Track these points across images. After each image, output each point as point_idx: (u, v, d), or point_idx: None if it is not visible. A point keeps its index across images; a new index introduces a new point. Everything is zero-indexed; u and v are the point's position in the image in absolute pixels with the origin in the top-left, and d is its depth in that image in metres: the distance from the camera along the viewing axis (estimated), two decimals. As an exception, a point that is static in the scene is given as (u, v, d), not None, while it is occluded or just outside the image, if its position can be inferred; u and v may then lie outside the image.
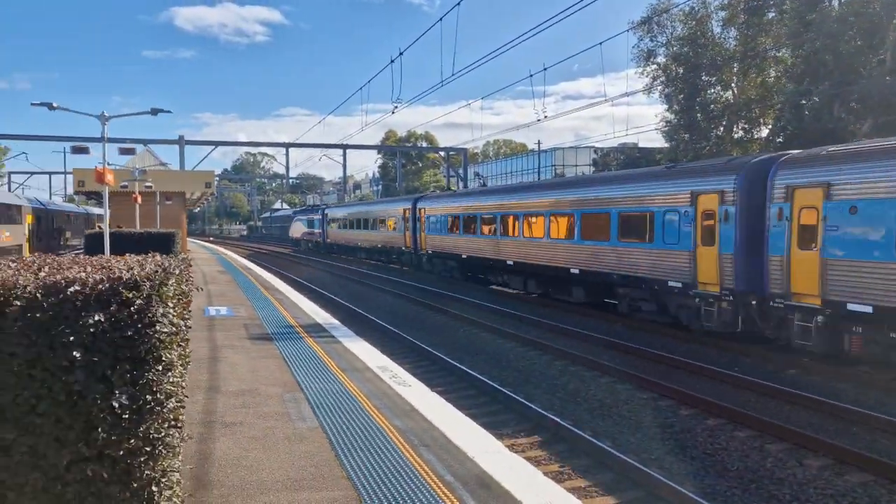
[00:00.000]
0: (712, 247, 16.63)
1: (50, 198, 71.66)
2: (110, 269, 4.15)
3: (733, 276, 16.04)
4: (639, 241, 19.25)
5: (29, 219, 39.20)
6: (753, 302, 15.66)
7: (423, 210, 36.84)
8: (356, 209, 53.63)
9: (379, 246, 45.24)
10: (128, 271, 4.03)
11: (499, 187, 34.88)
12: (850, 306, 13.24)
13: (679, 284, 17.71)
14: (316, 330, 14.33)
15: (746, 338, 16.07)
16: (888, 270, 12.59)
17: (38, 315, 3.66)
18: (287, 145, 61.87)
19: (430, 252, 35.83)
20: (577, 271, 22.18)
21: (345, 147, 62.87)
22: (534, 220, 24.86)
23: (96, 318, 3.70)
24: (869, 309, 12.89)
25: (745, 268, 15.90)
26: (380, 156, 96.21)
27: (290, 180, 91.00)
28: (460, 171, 66.38)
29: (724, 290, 16.24)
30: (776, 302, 14.95)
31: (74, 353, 3.65)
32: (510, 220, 26.61)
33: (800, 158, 15.12)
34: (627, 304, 20.39)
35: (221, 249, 57.40)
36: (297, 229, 73.19)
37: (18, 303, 3.64)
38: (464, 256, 31.29)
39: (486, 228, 28.86)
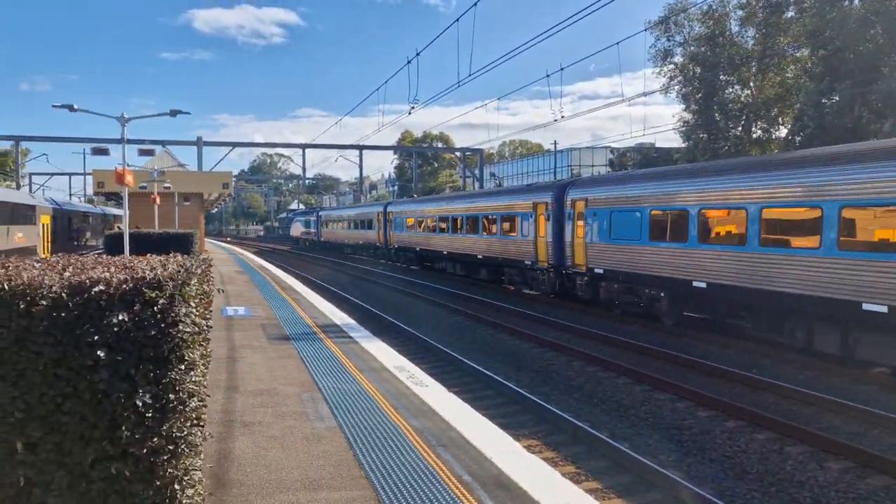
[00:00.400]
0: (543, 237, 25.62)
1: (70, 198, 72.45)
2: (133, 270, 4.19)
3: (553, 255, 24.92)
4: (513, 235, 28.29)
5: (44, 219, 38.04)
6: (562, 271, 24.45)
7: (391, 213, 45.89)
8: (342, 212, 63.74)
9: (360, 242, 54.72)
10: (151, 271, 4.08)
11: (440, 196, 46.44)
12: (596, 270, 22.05)
13: (529, 262, 26.80)
14: (333, 330, 14.39)
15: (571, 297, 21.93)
16: (605, 247, 21.52)
17: (63, 315, 3.71)
18: (303, 146, 62.18)
19: (396, 246, 45.31)
20: (481, 257, 31.40)
21: (361, 148, 63.08)
22: (458, 221, 33.94)
23: (120, 317, 3.75)
24: (602, 271, 21.77)
25: (557, 250, 24.75)
26: (396, 156, 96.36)
27: (307, 181, 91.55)
28: (476, 171, 66.34)
29: (549, 265, 25.30)
30: (569, 270, 23.92)
31: (99, 352, 3.70)
32: (447, 221, 35.48)
33: (576, 182, 24.95)
34: (509, 279, 29.75)
35: (238, 250, 57.78)
36: (297, 229, 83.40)
37: (44, 302, 3.70)
38: (418, 249, 40.65)
39: (431, 227, 37.94)
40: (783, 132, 40.35)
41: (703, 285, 17.06)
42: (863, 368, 13.64)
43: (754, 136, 40.99)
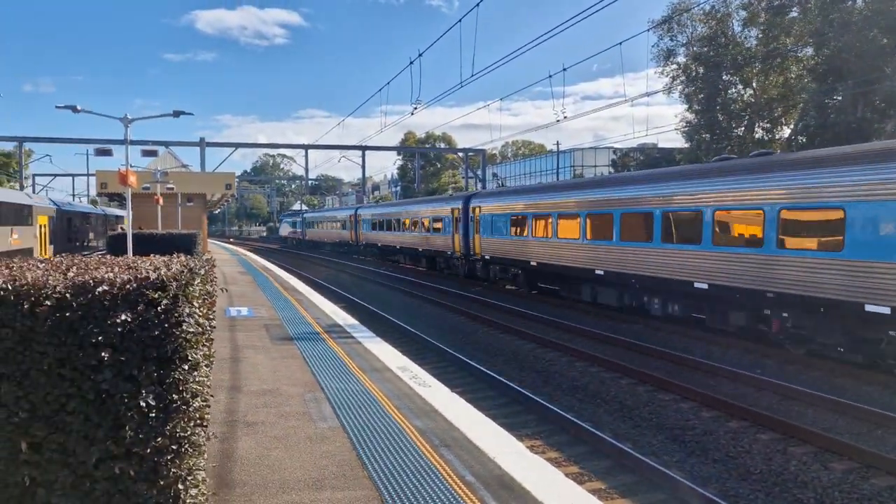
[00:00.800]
0: (458, 234, 34.30)
1: (74, 199, 72.51)
2: (137, 270, 4.20)
3: (463, 247, 33.74)
4: (441, 233, 37.16)
5: (41, 220, 36.48)
6: (468, 258, 33.35)
7: (360, 215, 55.21)
8: (323, 214, 73.92)
9: (337, 240, 63.37)
10: (154, 272, 4.08)
11: (393, 202, 59.96)
12: (486, 256, 30.94)
13: (449, 252, 35.87)
14: (335, 330, 14.40)
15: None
16: (490, 240, 30.34)
17: (67, 315, 3.72)
18: (306, 147, 62.24)
19: (364, 243, 54.12)
20: (421, 249, 40.92)
21: (364, 148, 63.10)
22: (406, 222, 43.51)
23: (124, 317, 3.75)
24: (488, 256, 30.60)
25: (465, 242, 33.55)
26: (399, 157, 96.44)
27: (310, 182, 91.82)
28: (479, 171, 66.35)
29: (461, 254, 34.16)
30: (471, 257, 32.89)
31: (103, 352, 3.71)
32: (399, 223, 44.97)
33: (476, 194, 34.27)
34: (438, 267, 39.19)
35: (241, 250, 57.83)
36: (285, 229, 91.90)
37: (48, 303, 3.70)
38: (380, 245, 49.85)
39: (388, 227, 47.36)
40: (786, 132, 40.31)
41: (534, 264, 26.39)
42: (866, 369, 13.61)
43: (757, 136, 40.94)
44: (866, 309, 12.86)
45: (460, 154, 74.47)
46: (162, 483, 3.96)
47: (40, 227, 36.22)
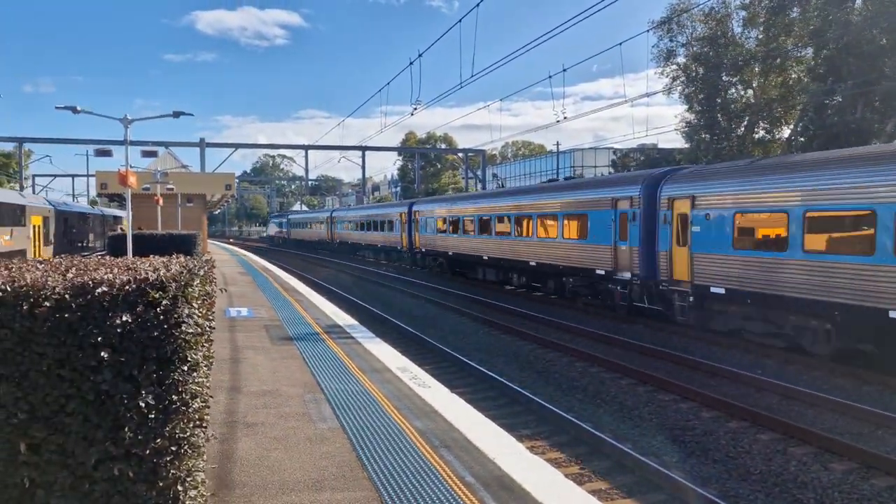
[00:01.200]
0: (405, 233, 41.43)
1: (74, 200, 72.38)
2: (136, 271, 4.20)
3: (408, 242, 40.66)
4: (394, 231, 44.50)
5: (35, 220, 35.05)
6: (412, 251, 41.70)
7: (335, 217, 64.39)
8: (305, 216, 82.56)
9: (316, 239, 70.74)
10: (154, 272, 4.08)
11: (361, 206, 64.76)
12: (423, 249, 39.60)
13: (399, 247, 43.70)
14: (335, 331, 14.39)
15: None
16: (426, 236, 39.15)
17: (66, 315, 3.71)
18: (306, 147, 62.31)
19: (338, 241, 62.60)
20: (380, 245, 49.17)
21: (364, 149, 63.14)
22: (363, 224, 53.23)
23: (123, 318, 3.75)
24: (424, 249, 39.75)
25: (409, 239, 41.03)
26: (399, 157, 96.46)
27: (310, 182, 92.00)
28: (479, 172, 66.35)
29: (407, 248, 41.93)
30: (413, 250, 41.07)
31: (102, 353, 3.70)
32: (363, 223, 53.46)
33: (417, 201, 41.65)
34: (392, 258, 46.98)
35: (241, 251, 57.84)
36: (272, 229, 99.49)
37: (48, 303, 3.70)
38: (349, 242, 58.52)
39: (359, 227, 54.97)
40: (786, 133, 40.31)
41: (451, 253, 34.86)
42: (866, 369, 13.60)
43: (757, 136, 40.95)
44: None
45: (460, 154, 74.51)
46: (161, 484, 3.96)
47: (34, 227, 35.03)
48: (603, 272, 21.63)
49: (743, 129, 41.17)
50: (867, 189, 13.15)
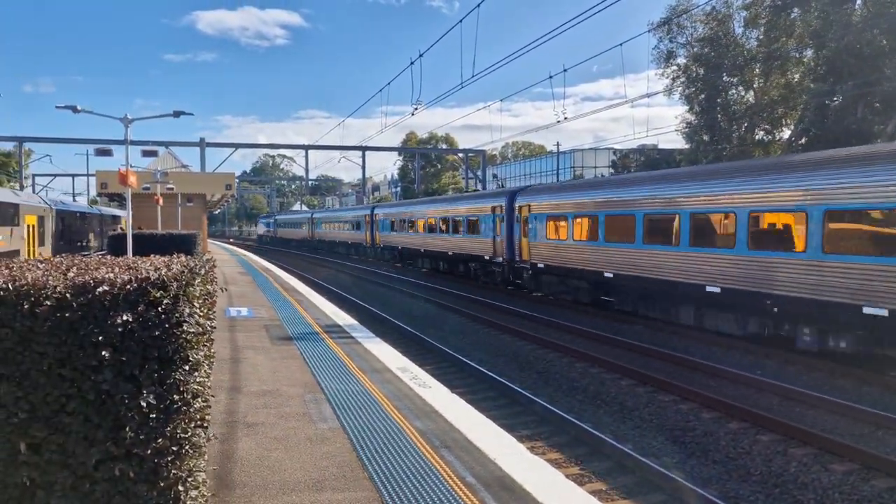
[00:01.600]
0: (367, 232, 51.90)
1: (74, 199, 72.27)
2: (137, 270, 4.19)
3: (370, 237, 51.35)
4: (359, 230, 53.93)
5: (29, 220, 33.53)
6: (374, 245, 51.13)
7: (315, 218, 72.94)
8: (289, 217, 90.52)
9: (300, 238, 78.36)
10: (155, 272, 4.07)
11: (337, 209, 78.64)
12: (383, 244, 49.09)
13: (363, 243, 53.74)
14: (335, 331, 14.38)
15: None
16: (384, 234, 48.32)
17: (67, 315, 3.70)
18: (307, 147, 62.31)
19: (317, 239, 70.59)
20: (350, 243, 57.69)
21: (364, 149, 63.12)
22: (342, 225, 61.30)
23: (124, 317, 3.74)
24: (384, 245, 48.82)
25: (371, 235, 51.16)
26: (399, 157, 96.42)
27: (310, 182, 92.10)
28: (479, 172, 66.34)
29: (369, 243, 52.02)
30: (376, 246, 50.89)
31: (103, 352, 3.69)
32: (338, 223, 62.81)
33: (378, 205, 57.02)
34: (357, 251, 55.99)
35: (241, 251, 57.82)
36: (261, 228, 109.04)
37: (48, 303, 3.69)
38: (326, 240, 67.20)
39: (334, 227, 64.25)
40: (787, 134, 40.29)
41: (400, 248, 45.26)
42: (868, 370, 13.60)
43: (757, 137, 40.94)
44: None
45: (460, 155, 74.49)
46: (162, 484, 3.95)
47: (29, 227, 33.64)
48: (488, 257, 30.69)
49: (743, 130, 41.15)
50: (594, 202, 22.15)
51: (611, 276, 20.88)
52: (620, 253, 20.33)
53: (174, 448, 3.99)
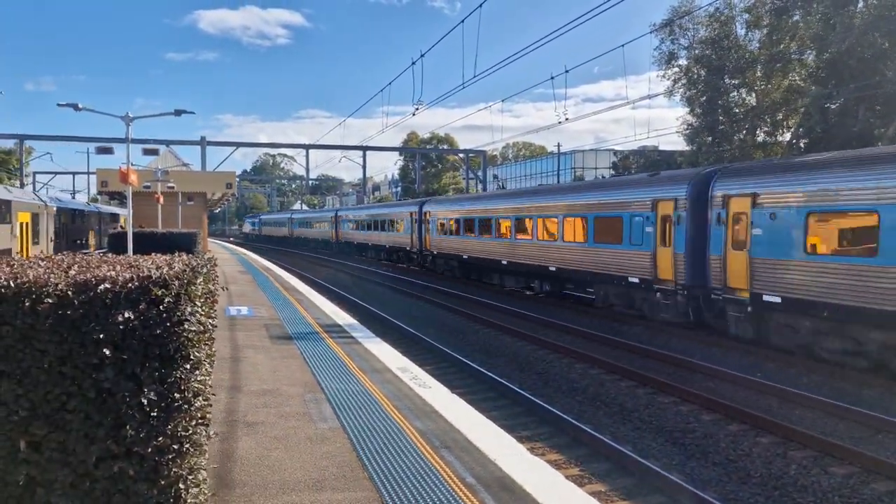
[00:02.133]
0: (333, 230, 63.57)
1: (74, 197, 72.09)
2: (139, 268, 4.18)
3: (335, 233, 63.33)
4: (320, 229, 69.12)
5: (22, 217, 31.92)
6: (337, 241, 64.04)
7: (293, 218, 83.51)
8: (271, 217, 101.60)
9: (281, 237, 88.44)
10: (157, 270, 4.07)
11: (309, 210, 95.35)
12: (346, 240, 62.21)
13: (327, 238, 65.63)
14: (335, 331, 14.38)
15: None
16: (345, 233, 63.08)
17: (68, 312, 3.70)
18: (307, 147, 62.31)
19: (297, 237, 78.47)
20: (320, 239, 68.32)
21: (364, 149, 63.13)
22: (314, 224, 73.16)
23: (126, 315, 3.74)
24: (346, 240, 61.32)
25: (335, 232, 63.81)
26: (400, 157, 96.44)
27: (310, 181, 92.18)
28: (479, 172, 66.35)
29: (334, 239, 63.22)
30: (340, 241, 62.83)
31: (104, 350, 3.69)
32: (309, 222, 74.86)
33: (342, 210, 68.18)
34: (320, 244, 68.81)
35: (241, 250, 57.82)
36: (246, 227, 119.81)
37: (50, 300, 3.69)
38: (303, 237, 76.03)
39: (307, 226, 75.00)
40: (787, 136, 40.30)
41: (342, 241, 61.39)
42: (867, 373, 13.59)
43: (758, 140, 40.93)
44: None
45: (461, 155, 74.49)
46: (163, 483, 3.95)
47: (21, 225, 32.10)
48: (408, 248, 42.16)
49: (744, 132, 41.15)
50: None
51: (466, 257, 32.74)
52: (472, 242, 31.92)
53: (175, 446, 3.99)
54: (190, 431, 4.14)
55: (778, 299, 14.96)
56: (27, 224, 32.83)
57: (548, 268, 24.39)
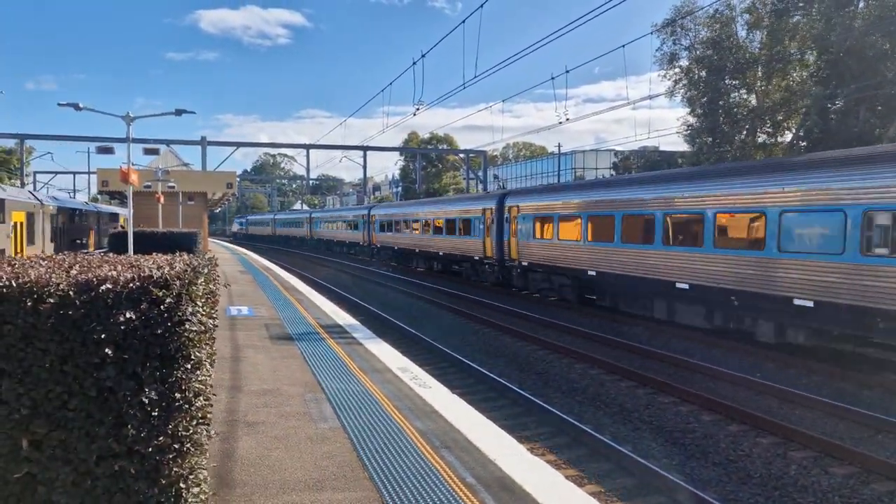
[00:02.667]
0: (308, 229, 75.38)
1: (73, 196, 72.00)
2: (140, 268, 4.19)
3: (309, 231, 74.99)
4: (298, 227, 79.54)
5: (16, 217, 30.70)
6: (312, 237, 75.09)
7: (277, 219, 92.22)
8: (256, 217, 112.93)
9: (264, 234, 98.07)
10: (158, 270, 4.08)
11: (289, 211, 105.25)
12: (319, 238, 71.66)
13: (301, 235, 78.02)
14: (336, 330, 14.39)
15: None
16: (319, 230, 72.72)
17: (70, 312, 3.71)
18: (308, 146, 62.29)
19: (279, 235, 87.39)
20: (298, 237, 78.80)
21: (365, 149, 63.10)
22: (293, 222, 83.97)
23: (127, 315, 3.75)
24: (321, 238, 70.35)
25: (310, 230, 75.02)
26: (401, 158, 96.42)
27: (311, 181, 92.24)
28: (480, 173, 66.34)
29: (308, 235, 75.00)
30: (312, 239, 75.51)
31: (106, 349, 3.70)
32: (288, 223, 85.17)
33: (322, 213, 77.89)
34: (293, 242, 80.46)
35: (241, 250, 57.83)
36: (235, 226, 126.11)
37: (51, 300, 3.70)
38: (284, 236, 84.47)
39: (286, 226, 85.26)
40: (788, 137, 40.27)
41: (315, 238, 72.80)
42: (868, 374, 13.60)
43: (759, 140, 40.90)
44: None
45: (461, 155, 74.48)
46: (163, 482, 3.96)
47: (16, 224, 30.84)
48: (360, 243, 53.24)
49: (745, 132, 41.12)
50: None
51: (378, 245, 47.20)
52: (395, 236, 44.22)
53: (175, 446, 4.00)
54: (190, 431, 4.15)
55: (527, 263, 26.47)
56: (22, 224, 31.66)
57: (438, 253, 36.94)
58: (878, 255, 12.88)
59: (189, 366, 4.09)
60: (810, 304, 13.99)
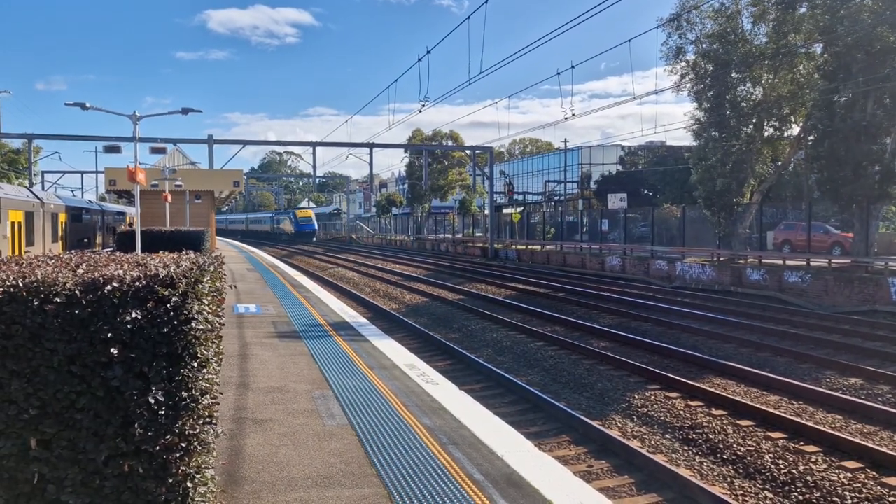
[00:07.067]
0: (279, 229, 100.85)
1: (81, 196, 72.19)
2: (147, 267, 4.19)
3: (278, 227, 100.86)
4: (262, 226, 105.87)
5: (14, 216, 29.62)
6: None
7: (249, 218, 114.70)
8: (232, 217, 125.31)
9: (240, 230, 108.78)
10: (164, 269, 4.07)
11: (260, 212, 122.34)
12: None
13: (282, 233, 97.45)
14: (343, 328, 14.40)
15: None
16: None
17: (77, 311, 3.71)
18: (314, 144, 62.26)
19: (250, 230, 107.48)
20: (269, 231, 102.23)
21: (371, 146, 63.10)
22: (258, 221, 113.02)
23: (134, 314, 3.74)
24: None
25: (278, 227, 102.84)
26: (406, 154, 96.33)
27: (317, 179, 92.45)
28: (486, 169, 66.29)
29: (279, 229, 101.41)
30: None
31: (113, 349, 3.70)
32: (250, 222, 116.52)
33: (259, 212, 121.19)
34: (273, 238, 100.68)
35: (249, 248, 57.97)
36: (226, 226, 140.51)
37: (58, 299, 3.70)
38: (254, 230, 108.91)
39: (252, 224, 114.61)
40: (795, 130, 40.05)
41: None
42: (877, 369, 13.54)
43: (766, 134, 40.68)
44: None
45: (467, 152, 74.42)
46: (171, 480, 3.96)
47: (13, 224, 29.61)
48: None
49: (752, 126, 40.89)
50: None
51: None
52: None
53: (183, 444, 4.00)
54: (197, 430, 4.14)
55: None
56: (20, 224, 30.41)
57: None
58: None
59: (196, 364, 4.08)
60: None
